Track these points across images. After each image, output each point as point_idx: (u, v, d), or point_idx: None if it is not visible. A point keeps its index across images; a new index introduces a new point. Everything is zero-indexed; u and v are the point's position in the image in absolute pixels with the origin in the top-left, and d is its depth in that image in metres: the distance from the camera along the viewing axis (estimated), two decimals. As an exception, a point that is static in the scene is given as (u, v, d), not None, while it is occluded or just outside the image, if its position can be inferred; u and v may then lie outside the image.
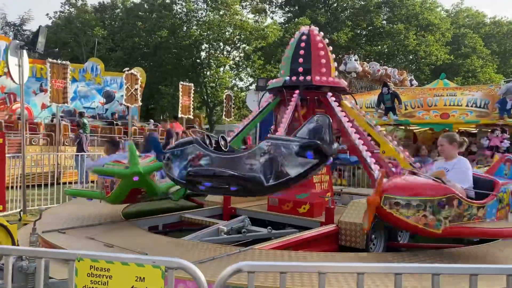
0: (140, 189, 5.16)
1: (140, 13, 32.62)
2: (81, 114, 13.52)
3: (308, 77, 5.97)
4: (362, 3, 35.99)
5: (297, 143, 3.74)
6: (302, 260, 3.49)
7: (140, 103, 14.77)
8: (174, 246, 4.51)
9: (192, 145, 4.06)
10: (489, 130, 11.31)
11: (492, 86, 12.09)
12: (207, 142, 4.19)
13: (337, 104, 6.11)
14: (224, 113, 17.78)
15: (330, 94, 6.06)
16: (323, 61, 6.11)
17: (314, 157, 3.71)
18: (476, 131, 12.70)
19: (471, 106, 11.38)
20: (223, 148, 4.25)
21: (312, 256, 4.01)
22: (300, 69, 6.03)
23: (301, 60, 6.04)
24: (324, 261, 3.68)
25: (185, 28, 31.72)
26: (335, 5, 36.81)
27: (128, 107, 15.22)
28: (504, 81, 12.51)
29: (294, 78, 6.04)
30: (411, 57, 36.19)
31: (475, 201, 4.24)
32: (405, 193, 3.98)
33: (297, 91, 6.03)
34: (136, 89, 13.74)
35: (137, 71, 14.82)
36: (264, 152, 3.77)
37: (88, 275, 1.63)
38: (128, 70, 13.83)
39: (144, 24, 31.02)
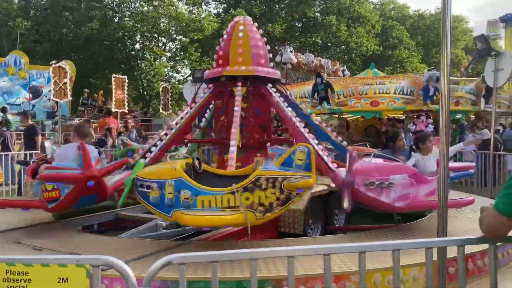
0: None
1: (67, 3, 30.79)
2: (3, 110, 12.54)
3: (249, 68, 5.97)
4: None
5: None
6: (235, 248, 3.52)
7: (70, 98, 14.00)
8: (109, 244, 4.35)
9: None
10: (415, 116, 12.04)
11: (416, 74, 12.85)
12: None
13: (279, 94, 6.13)
14: (161, 106, 17.37)
15: (270, 85, 6.08)
16: (261, 51, 6.12)
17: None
18: (403, 117, 13.46)
19: (398, 94, 12.03)
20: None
21: (251, 244, 4.06)
22: (240, 60, 5.99)
23: (240, 50, 6.00)
24: (257, 248, 3.74)
25: (117, 19, 30.45)
26: (269, -4, 37.12)
27: (57, 103, 14.36)
28: (427, 70, 13.33)
29: (234, 68, 5.99)
30: (343, 48, 37.49)
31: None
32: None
33: (239, 83, 5.99)
34: (65, 83, 12.99)
35: (66, 64, 14.01)
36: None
37: (4, 280, 1.51)
38: (55, 63, 13.03)
39: (72, 15, 29.36)
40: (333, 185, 6.18)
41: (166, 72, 32.50)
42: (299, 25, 37.51)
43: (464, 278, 1.92)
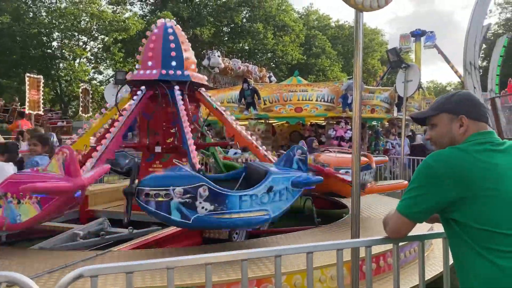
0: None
1: (-27, -8, 28.10)
2: None
3: (185, 72, 5.89)
4: (224, 0, 36.84)
5: None
6: (156, 258, 3.47)
7: (-25, 98, 12.79)
8: (18, 257, 4.03)
9: None
10: (335, 122, 12.68)
11: (336, 83, 13.55)
12: None
13: (181, 98, 6.05)
14: (81, 108, 16.49)
15: (177, 87, 6.00)
16: (190, 56, 6.08)
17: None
18: (325, 123, 14.11)
19: (320, 101, 12.61)
20: None
21: (170, 252, 4.00)
22: (174, 63, 5.89)
23: (173, 54, 5.89)
24: (175, 256, 3.71)
25: (31, 14, 28.37)
26: (197, 0, 36.96)
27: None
28: (347, 79, 14.12)
29: (169, 72, 5.86)
30: (269, 55, 38.43)
31: None
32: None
33: (177, 86, 5.87)
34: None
35: (-30, 61, 12.79)
36: None
37: None
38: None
39: (-21, 7, 26.87)
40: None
41: (87, 74, 30.88)
42: (227, 31, 37.81)
43: (371, 276, 2.07)
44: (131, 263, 1.49)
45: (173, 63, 5.92)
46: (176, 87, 5.82)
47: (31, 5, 28.86)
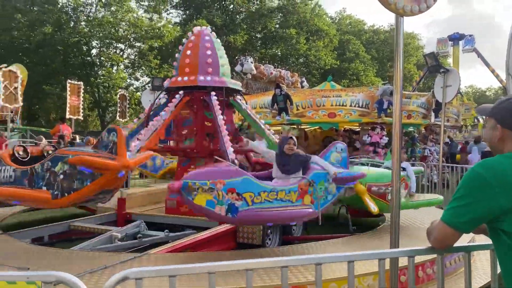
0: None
1: (19, 5, 29.52)
2: None
3: (192, 77, 5.98)
4: (257, 7, 37.09)
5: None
6: (196, 262, 3.50)
7: (21, 103, 13.41)
8: (61, 257, 4.17)
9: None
10: (370, 128, 12.45)
11: (371, 88, 13.32)
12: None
13: (245, 104, 6.17)
14: (118, 114, 16.96)
15: (213, 93, 6.07)
16: (209, 60, 6.14)
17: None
18: (359, 129, 13.88)
19: (354, 106, 12.42)
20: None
21: (208, 256, 4.03)
22: (187, 69, 5.99)
23: (187, 60, 6.00)
24: (218, 260, 3.73)
25: (72, 24, 29.51)
26: (231, 7, 37.38)
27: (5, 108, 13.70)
28: (382, 84, 13.86)
29: (179, 78, 5.98)
30: (302, 60, 38.29)
31: None
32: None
33: (213, 92, 5.97)
34: (15, 88, 12.46)
35: (17, 68, 13.44)
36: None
37: None
38: (6, 67, 12.47)
39: (25, 18, 28.17)
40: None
41: (124, 80, 31.77)
42: (260, 37, 38.00)
43: (414, 287, 2.01)
44: (174, 267, 1.51)
45: (210, 70, 6.02)
46: (213, 93, 5.92)
47: (71, 15, 30.02)
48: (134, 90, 33.41)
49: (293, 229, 6.34)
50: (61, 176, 4.15)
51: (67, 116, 14.63)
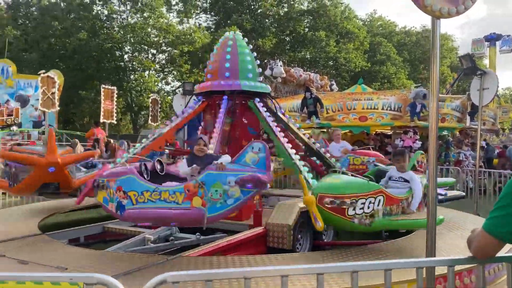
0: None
1: (56, 13, 30.69)
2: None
3: (236, 82, 6.02)
4: (286, 10, 37.09)
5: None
6: (229, 266, 3.51)
7: (57, 108, 13.89)
8: (97, 258, 4.29)
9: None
10: (402, 132, 12.20)
11: (404, 91, 13.07)
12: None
13: (265, 109, 6.21)
14: (150, 117, 17.30)
15: (258, 99, 6.16)
16: (249, 66, 6.19)
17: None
18: (391, 133, 13.63)
19: (386, 110, 12.21)
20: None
21: (240, 260, 4.04)
22: (227, 74, 6.06)
23: (227, 65, 6.07)
24: (250, 264, 3.74)
25: (105, 30, 30.44)
26: (259, 11, 37.54)
27: (44, 112, 14.24)
28: (414, 86, 13.58)
29: (221, 82, 6.05)
30: (331, 63, 37.97)
31: None
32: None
33: (225, 96, 6.05)
34: (53, 93, 12.91)
35: (54, 74, 13.93)
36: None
37: (-5, 298, 1.49)
38: (44, 73, 12.96)
39: (61, 25, 29.26)
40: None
41: (156, 84, 32.45)
42: (289, 40, 37.95)
43: (454, 297, 1.95)
44: (211, 271, 1.53)
45: (228, 74, 6.09)
46: (257, 99, 6.00)
47: (105, 21, 30.93)
48: (165, 94, 34.03)
49: (324, 234, 6.28)
50: (13, 170, 4.92)
51: (101, 120, 15.03)
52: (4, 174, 4.93)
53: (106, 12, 30.92)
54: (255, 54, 6.54)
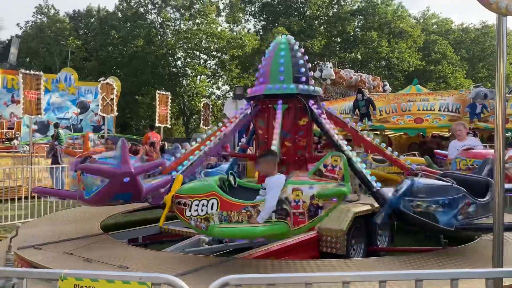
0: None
1: (114, 22, 32.30)
2: (56, 125, 13.22)
3: (291, 86, 6.02)
4: (335, 11, 36.65)
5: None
6: (287, 270, 3.51)
7: (116, 113, 14.58)
8: (155, 258, 4.44)
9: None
10: (461, 134, 11.62)
11: (462, 91, 12.49)
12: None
13: (320, 111, 6.15)
14: (202, 121, 17.73)
15: (312, 102, 6.11)
16: (302, 69, 6.17)
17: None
18: (449, 135, 13.03)
19: (443, 111, 11.70)
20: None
21: (296, 265, 4.03)
22: (281, 78, 6.08)
23: (281, 69, 6.08)
24: (306, 269, 3.71)
25: (159, 37, 31.59)
26: (308, 13, 37.34)
27: (103, 118, 15.02)
28: (474, 86, 12.93)
29: (275, 86, 6.07)
30: (384, 63, 37.00)
31: None
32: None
33: (280, 100, 6.06)
34: (112, 99, 13.58)
35: (113, 81, 14.65)
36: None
37: (72, 294, 1.60)
38: (103, 80, 13.66)
39: (118, 34, 30.73)
40: (376, 205, 6.08)
41: (207, 89, 33.19)
42: (339, 41, 37.43)
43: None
44: (273, 276, 1.54)
45: (281, 78, 6.08)
46: (311, 101, 5.99)
47: (160, 29, 32.09)
48: (216, 98, 34.71)
49: (379, 239, 6.12)
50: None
51: (156, 124, 15.58)
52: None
53: (160, 20, 32.07)
54: (306, 57, 6.50)
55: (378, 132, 13.28)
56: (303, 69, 6.09)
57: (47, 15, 34.25)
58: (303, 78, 6.10)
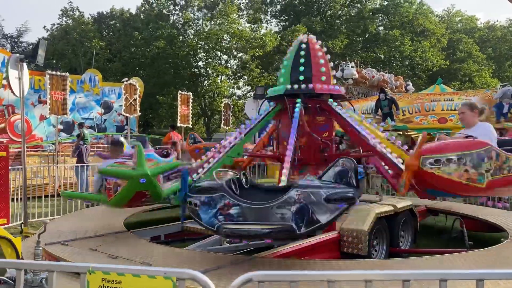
0: (145, 192, 4.93)
1: (136, 24, 32.80)
2: (81, 125, 13.53)
3: (310, 85, 6.01)
4: (357, 10, 36.27)
5: (327, 192, 3.88)
6: (309, 269, 3.51)
7: (139, 113, 14.80)
8: (177, 256, 4.51)
9: (220, 194, 4.07)
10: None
11: (488, 90, 12.21)
12: (231, 183, 4.25)
13: (341, 109, 6.13)
14: (222, 121, 17.83)
15: (331, 100, 6.10)
16: (323, 69, 6.15)
17: (343, 204, 3.88)
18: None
19: (469, 111, 11.46)
20: (244, 185, 4.41)
21: (317, 264, 4.02)
22: (301, 77, 6.07)
23: (301, 68, 6.07)
24: (331, 269, 3.70)
25: (181, 37, 31.89)
26: (329, 12, 37.08)
27: (127, 118, 15.26)
28: (500, 85, 12.61)
29: (295, 86, 6.07)
30: (407, 62, 36.43)
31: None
32: (443, 151, 4.00)
33: (299, 100, 6.06)
34: (135, 99, 13.79)
35: (136, 81, 14.87)
36: (294, 201, 3.86)
37: (100, 287, 1.65)
38: (126, 80, 13.88)
39: (141, 35, 31.19)
40: (399, 205, 6.01)
41: (228, 89, 33.32)
42: (360, 40, 37.04)
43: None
44: (295, 273, 1.55)
45: (301, 77, 6.07)
46: (331, 100, 5.97)
47: (181, 29, 32.41)
48: (237, 98, 34.82)
49: (401, 241, 6.05)
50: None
51: (178, 124, 15.75)
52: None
53: (182, 21, 32.37)
54: (328, 56, 6.48)
55: (401, 132, 13.11)
56: (323, 69, 6.08)
57: (72, 17, 35.06)
58: (323, 78, 6.08)
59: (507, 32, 39.30)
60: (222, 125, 18.28)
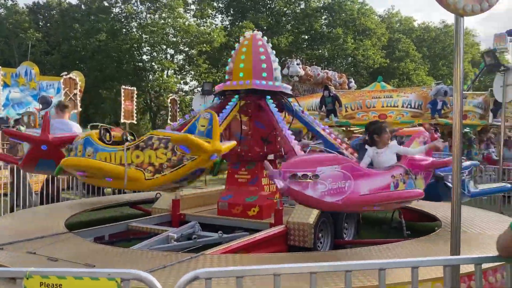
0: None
1: (76, 15, 31.30)
2: (16, 122, 12.73)
3: (247, 81, 6.06)
4: (302, 7, 36.94)
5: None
6: (256, 263, 3.55)
7: (80, 109, 14.19)
8: (122, 256, 4.38)
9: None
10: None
11: (424, 88, 12.92)
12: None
13: (277, 109, 6.17)
14: (169, 117, 17.52)
15: (269, 97, 6.15)
16: (264, 65, 6.20)
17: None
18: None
19: (406, 107, 12.09)
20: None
21: (264, 258, 4.08)
22: (241, 74, 6.11)
23: (241, 65, 6.11)
24: (278, 262, 3.76)
25: (124, 30, 30.86)
26: (276, 8, 37.49)
27: (67, 113, 14.57)
28: (435, 83, 13.40)
29: (234, 82, 6.11)
30: (349, 60, 37.69)
31: None
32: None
33: (236, 96, 6.10)
34: (75, 94, 13.22)
35: (76, 75, 14.24)
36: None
37: (38, 292, 1.57)
38: (66, 74, 13.26)
39: (82, 27, 29.82)
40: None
41: (175, 84, 32.73)
42: (306, 38, 37.80)
43: (481, 295, 1.95)
44: (242, 268, 1.57)
45: (264, 74, 6.11)
46: (268, 97, 6.01)
47: (124, 22, 31.36)
48: (184, 94, 34.32)
49: (345, 232, 6.29)
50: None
51: (122, 120, 15.29)
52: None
53: (124, 14, 31.33)
54: (273, 52, 6.54)
55: (344, 128, 13.56)
56: (264, 65, 6.13)
57: (5, 6, 32.79)
58: (265, 74, 6.13)
59: (440, 33, 41.85)
60: (168, 121, 17.97)
